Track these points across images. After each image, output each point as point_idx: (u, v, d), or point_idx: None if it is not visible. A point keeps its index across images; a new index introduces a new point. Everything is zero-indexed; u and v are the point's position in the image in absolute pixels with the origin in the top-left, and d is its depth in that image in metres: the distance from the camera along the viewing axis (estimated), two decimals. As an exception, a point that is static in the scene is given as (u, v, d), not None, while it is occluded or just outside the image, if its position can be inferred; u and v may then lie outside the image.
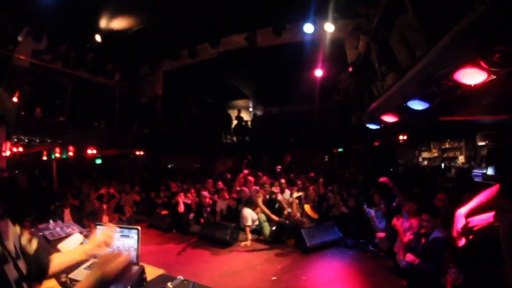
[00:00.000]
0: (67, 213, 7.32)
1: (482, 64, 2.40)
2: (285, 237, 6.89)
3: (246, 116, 16.31)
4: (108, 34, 8.82)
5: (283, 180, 8.81)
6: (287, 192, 8.36)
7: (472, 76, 2.68)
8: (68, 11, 7.38)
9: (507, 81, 2.53)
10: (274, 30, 9.78)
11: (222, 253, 6.52)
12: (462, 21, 2.43)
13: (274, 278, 5.15)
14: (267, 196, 7.73)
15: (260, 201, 7.31)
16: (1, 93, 1.03)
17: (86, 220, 7.49)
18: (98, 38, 8.84)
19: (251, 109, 18.77)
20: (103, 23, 8.53)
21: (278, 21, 9.56)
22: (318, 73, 10.96)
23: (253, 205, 7.37)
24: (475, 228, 1.68)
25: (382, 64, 5.59)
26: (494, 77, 2.47)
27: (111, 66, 9.74)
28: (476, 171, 8.91)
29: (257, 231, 7.32)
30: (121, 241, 2.58)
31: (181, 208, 7.86)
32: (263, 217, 7.15)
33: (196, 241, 7.29)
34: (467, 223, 1.72)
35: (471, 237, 1.71)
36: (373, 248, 6.06)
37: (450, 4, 2.72)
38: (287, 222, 7.01)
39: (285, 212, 7.33)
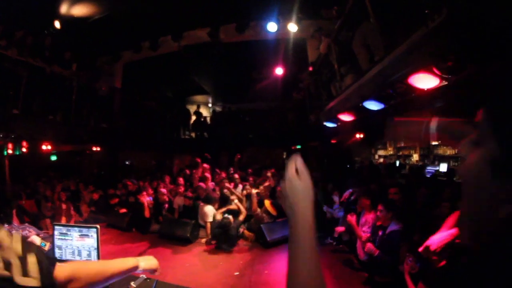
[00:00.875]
0: (13, 215, 6.75)
1: (435, 70, 2.64)
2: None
3: (205, 112, 16.12)
4: (68, 21, 8.21)
5: (236, 176, 8.87)
6: (240, 187, 8.42)
7: (425, 81, 2.92)
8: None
9: (457, 87, 2.79)
10: (237, 26, 9.78)
11: (184, 250, 6.45)
12: (419, 30, 2.65)
13: (237, 273, 5.21)
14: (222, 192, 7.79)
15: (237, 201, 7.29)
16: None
17: (43, 222, 6.99)
18: (57, 24, 8.18)
19: (210, 105, 18.59)
20: (63, 8, 7.91)
21: (242, 18, 9.58)
22: (279, 71, 11.15)
23: (212, 202, 7.33)
24: (437, 251, 1.75)
25: (341, 65, 5.86)
26: (446, 83, 2.71)
27: (69, 55, 9.07)
28: (429, 168, 9.68)
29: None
30: (81, 241, 2.50)
31: (147, 213, 7.58)
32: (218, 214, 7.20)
33: (156, 239, 7.11)
34: (427, 247, 1.81)
35: (435, 258, 1.79)
36: (332, 241, 6.33)
37: (409, 14, 2.94)
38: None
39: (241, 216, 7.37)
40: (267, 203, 7.12)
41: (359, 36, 4.71)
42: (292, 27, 8.55)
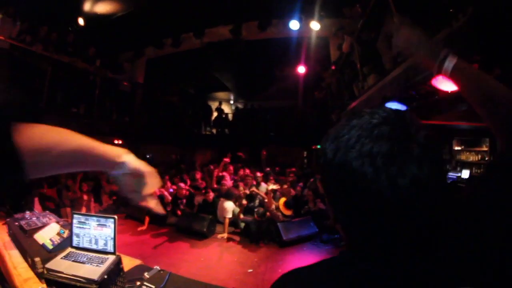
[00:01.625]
0: (36, 202, 7.05)
1: (460, 72, 2.52)
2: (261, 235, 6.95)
3: (226, 109, 16.23)
4: (92, 18, 8.47)
5: (259, 174, 8.85)
6: (263, 185, 8.42)
7: (449, 83, 2.80)
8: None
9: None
10: (260, 24, 9.73)
11: (199, 245, 6.52)
12: (443, 30, 2.54)
13: (251, 270, 5.23)
14: (247, 191, 7.79)
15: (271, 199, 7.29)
16: None
17: (63, 210, 7.28)
18: (81, 21, 8.46)
19: (232, 102, 18.69)
20: (87, 6, 8.17)
21: (265, 16, 9.52)
22: (301, 70, 11.03)
23: (232, 198, 7.38)
24: None
25: (364, 65, 5.73)
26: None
27: (92, 51, 9.35)
28: (451, 174, 9.27)
29: (233, 223, 7.35)
30: (98, 230, 2.56)
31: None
32: (237, 210, 7.24)
33: (173, 233, 7.24)
34: None
35: None
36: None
37: (434, 13, 2.83)
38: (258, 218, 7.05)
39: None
40: (281, 201, 7.06)
41: (385, 35, 4.59)
42: (314, 26, 8.42)
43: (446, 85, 2.86)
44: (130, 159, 0.92)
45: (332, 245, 6.42)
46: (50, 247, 2.76)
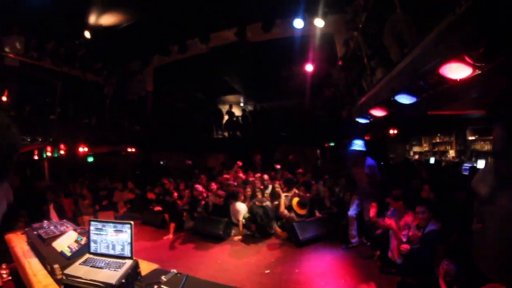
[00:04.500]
0: (52, 211, 7.24)
1: (467, 59, 2.46)
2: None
3: (237, 111, 16.27)
4: (98, 30, 8.65)
5: (266, 177, 8.81)
6: (270, 187, 8.40)
7: (457, 71, 2.74)
8: (57, 6, 7.17)
9: (492, 76, 2.60)
10: (263, 25, 9.76)
11: (216, 247, 6.57)
12: (448, 17, 2.49)
13: (268, 271, 5.23)
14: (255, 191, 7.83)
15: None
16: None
17: (80, 218, 7.46)
18: (87, 34, 8.66)
19: (242, 104, 18.73)
20: (92, 19, 8.34)
21: (268, 17, 9.53)
22: (309, 68, 10.96)
23: (237, 197, 7.37)
24: None
25: (371, 59, 5.65)
26: (479, 71, 2.53)
27: (100, 65, 9.59)
28: (466, 165, 9.00)
29: (246, 226, 7.34)
30: (115, 236, 2.61)
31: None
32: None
33: (190, 236, 7.32)
34: None
35: None
36: (365, 241, 6.12)
37: (436, 1, 2.78)
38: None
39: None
40: (294, 202, 7.02)
41: (389, 27, 4.53)
42: (319, 23, 8.34)
43: (454, 72, 2.80)
44: None
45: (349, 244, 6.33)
46: (69, 254, 2.83)
